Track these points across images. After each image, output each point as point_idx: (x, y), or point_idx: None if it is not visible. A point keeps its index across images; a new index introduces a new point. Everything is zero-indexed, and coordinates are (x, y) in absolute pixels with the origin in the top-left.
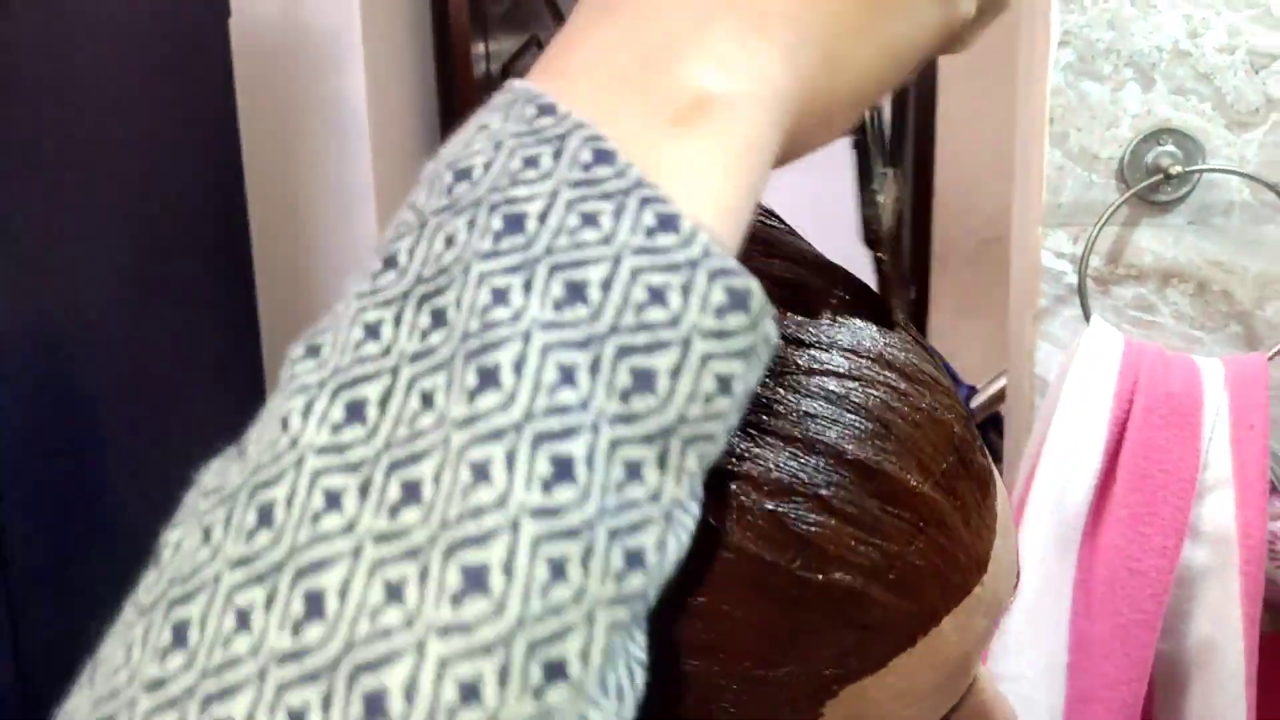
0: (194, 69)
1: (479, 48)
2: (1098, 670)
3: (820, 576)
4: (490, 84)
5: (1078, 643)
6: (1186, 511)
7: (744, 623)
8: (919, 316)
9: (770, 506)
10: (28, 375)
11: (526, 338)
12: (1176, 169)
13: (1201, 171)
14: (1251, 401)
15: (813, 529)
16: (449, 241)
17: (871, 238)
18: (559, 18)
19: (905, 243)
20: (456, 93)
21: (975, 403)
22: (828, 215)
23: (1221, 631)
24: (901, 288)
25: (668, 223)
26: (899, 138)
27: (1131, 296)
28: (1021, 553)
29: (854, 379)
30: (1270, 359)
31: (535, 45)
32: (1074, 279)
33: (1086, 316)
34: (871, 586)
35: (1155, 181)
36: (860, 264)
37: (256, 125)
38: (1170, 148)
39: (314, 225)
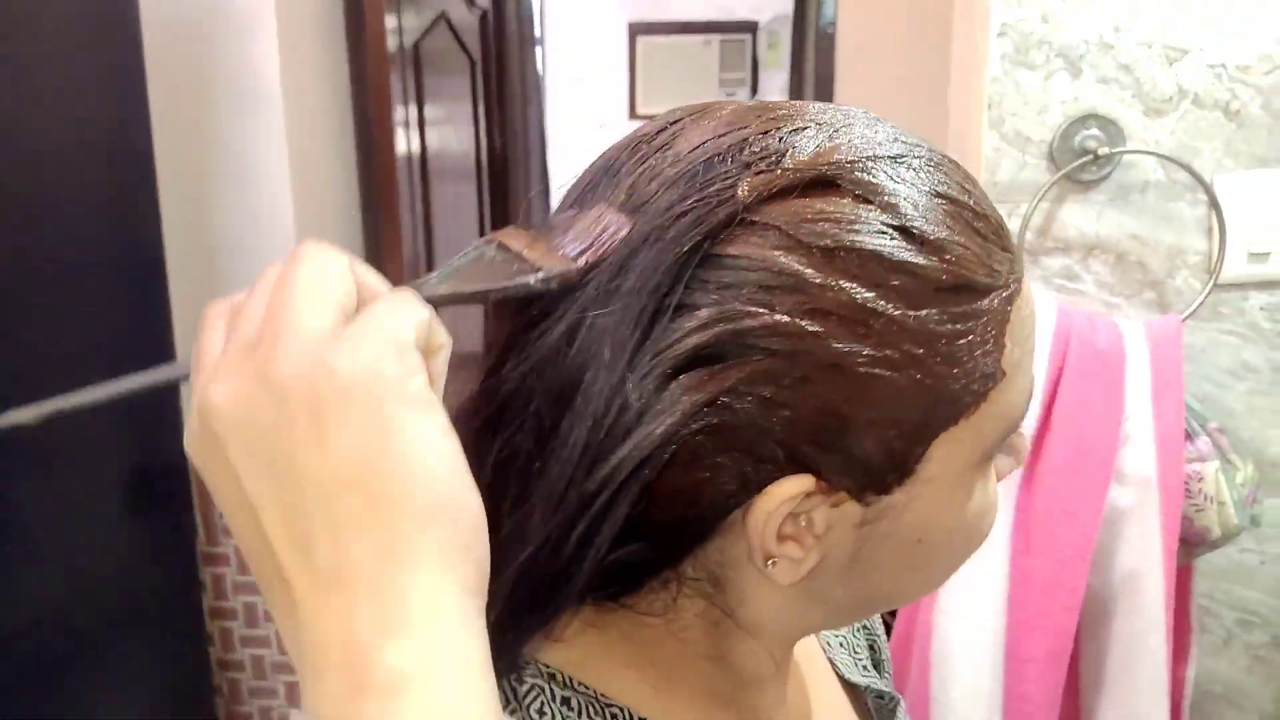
0: (102, 38)
1: (391, 21)
2: (1036, 602)
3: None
4: (403, 60)
5: (1018, 576)
6: (1112, 458)
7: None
8: None
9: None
10: None
11: None
12: (1104, 150)
13: (1124, 153)
14: (1169, 358)
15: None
16: None
17: None
18: None
19: None
20: (369, 67)
21: None
22: None
23: (1143, 565)
24: None
25: None
26: None
27: (1059, 266)
28: None
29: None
30: (1183, 321)
31: (445, 21)
32: None
33: None
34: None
35: (1083, 162)
36: None
37: (166, 106)
38: (1095, 131)
39: (226, 198)
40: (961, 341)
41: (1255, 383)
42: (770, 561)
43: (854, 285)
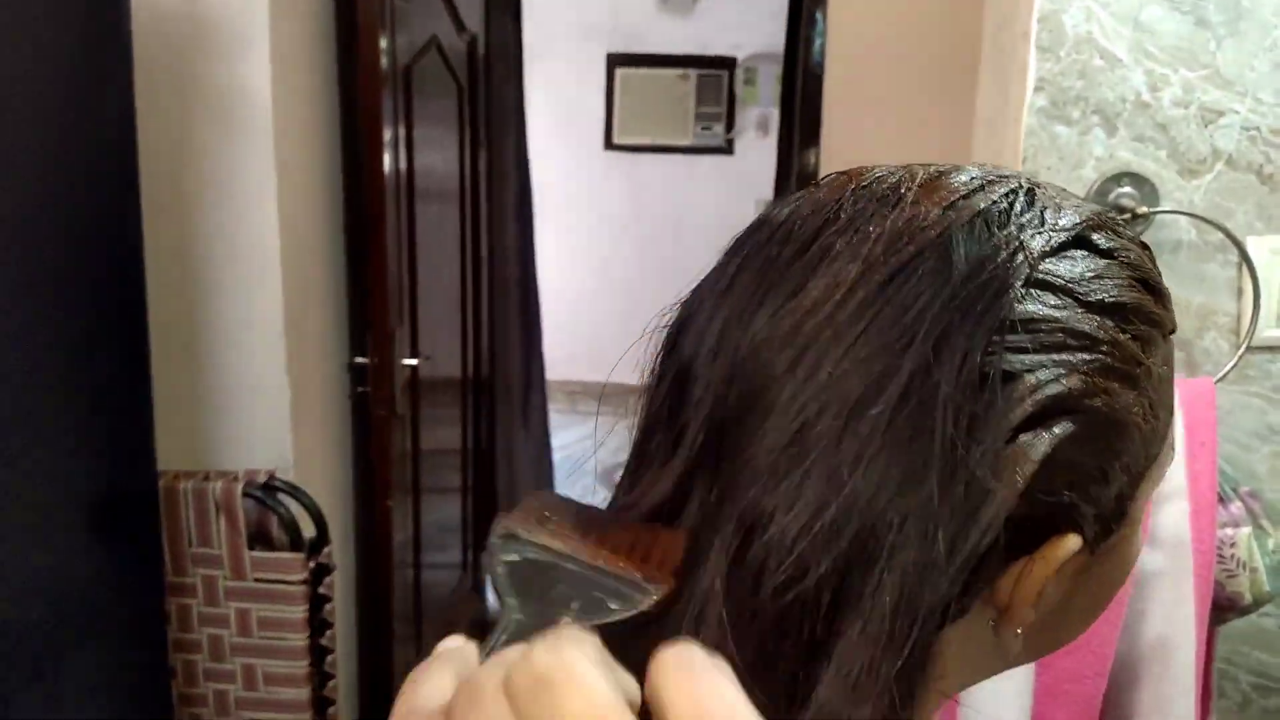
0: (91, 55)
1: (384, 43)
2: (1063, 665)
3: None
4: (395, 80)
5: None
6: (1146, 519)
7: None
8: None
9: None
10: None
11: None
12: (1142, 209)
13: (1162, 213)
14: (1202, 420)
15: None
16: None
17: None
18: (458, 21)
19: None
20: (361, 88)
21: None
22: None
23: (1174, 630)
24: None
25: None
26: (788, 153)
27: None
28: None
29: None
30: (1216, 382)
31: (435, 46)
32: None
33: None
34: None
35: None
36: None
37: (153, 121)
38: (1129, 189)
39: (209, 224)
40: (1168, 382)
41: None
42: (1019, 630)
43: (1128, 340)
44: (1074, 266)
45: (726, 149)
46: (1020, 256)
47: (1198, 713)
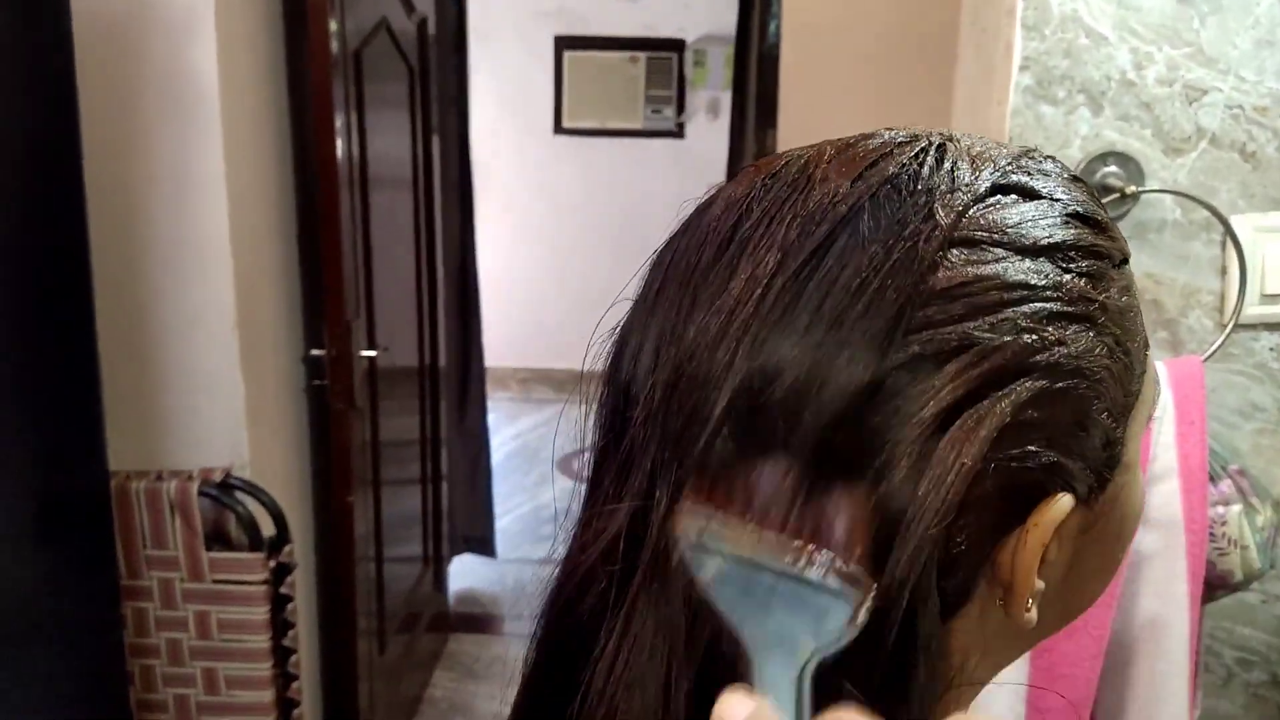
0: (29, 41)
1: (333, 24)
2: (1060, 648)
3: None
4: (345, 63)
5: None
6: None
7: None
8: None
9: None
10: None
11: None
12: (1130, 189)
13: (1148, 192)
14: (1191, 398)
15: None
16: None
17: None
18: (407, 2)
19: None
20: (310, 71)
21: None
22: None
23: (1167, 608)
24: None
25: None
26: (740, 134)
27: None
28: None
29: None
30: (1204, 361)
31: (385, 28)
32: None
33: None
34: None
35: (1109, 200)
36: None
37: (96, 109)
38: (1115, 168)
39: (156, 216)
40: (1132, 312)
41: (1263, 423)
42: (1031, 601)
43: (1073, 279)
44: (998, 215)
45: (678, 132)
46: (934, 220)
47: (1193, 688)
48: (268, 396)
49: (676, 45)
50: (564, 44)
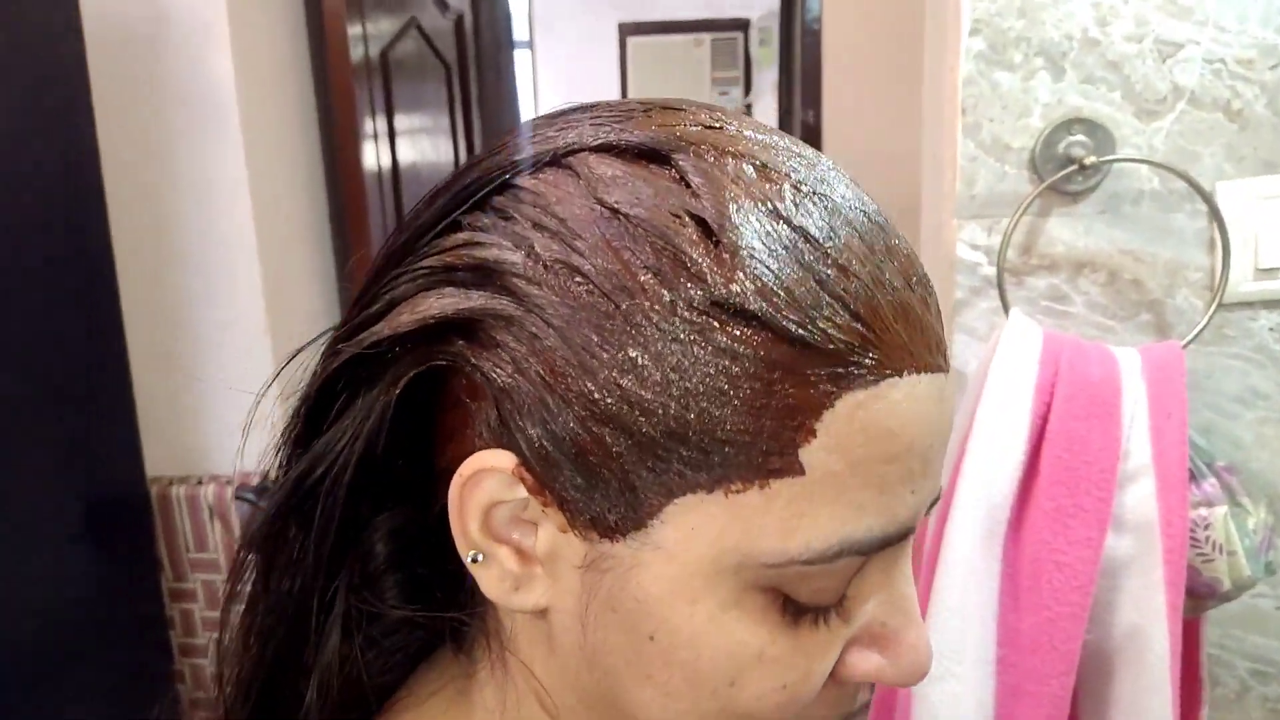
0: (42, 60)
1: (355, 29)
2: (1026, 664)
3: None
4: (369, 69)
5: (1006, 637)
6: (1109, 502)
7: None
8: None
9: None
10: None
11: None
12: (1090, 159)
13: (1112, 162)
14: (1169, 390)
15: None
16: None
17: None
18: (441, 1)
19: None
20: (332, 78)
21: None
22: None
23: (1146, 619)
24: None
25: None
26: (789, 116)
27: (1045, 287)
28: (946, 549)
29: None
30: (1184, 347)
31: (416, 28)
32: (990, 271)
33: (1006, 309)
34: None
35: (1069, 172)
36: None
37: (115, 120)
38: (1081, 137)
39: (182, 224)
40: (725, 383)
41: (1266, 411)
42: (474, 555)
43: (617, 255)
44: (614, 168)
45: (745, 113)
46: (560, 136)
47: (1176, 707)
48: None
49: (741, 25)
50: (628, 30)
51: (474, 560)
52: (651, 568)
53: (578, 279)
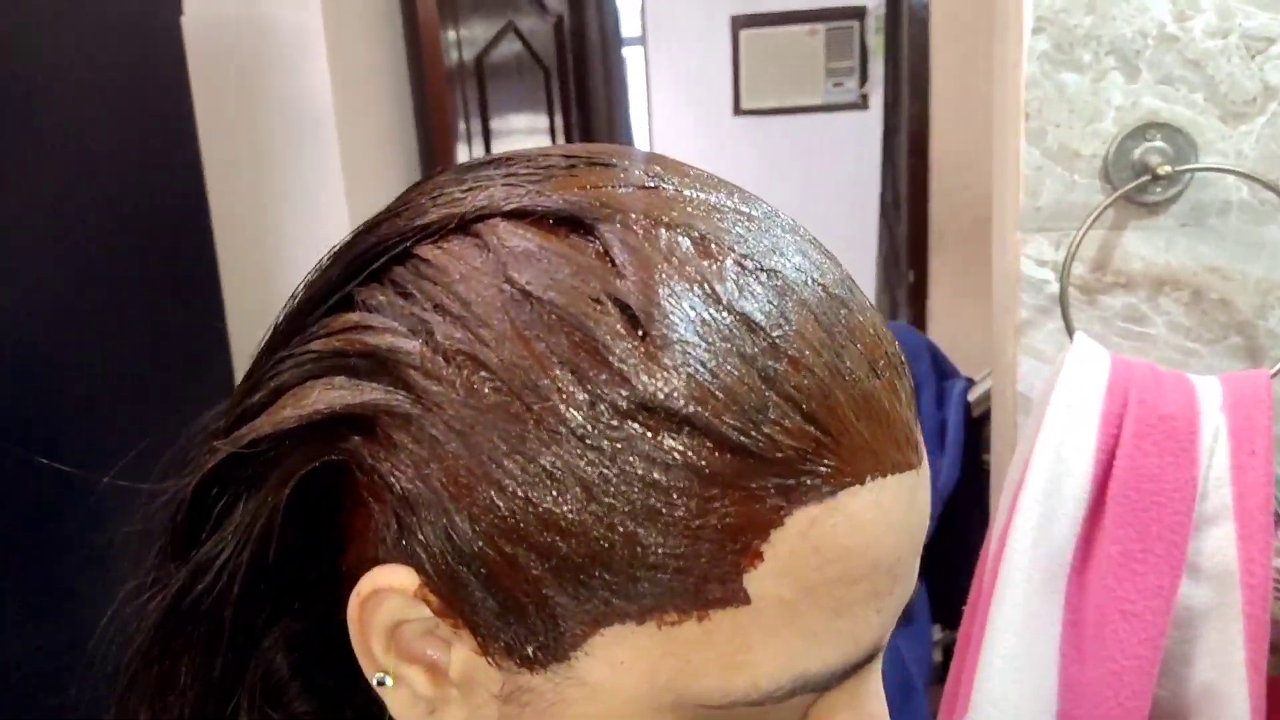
0: (146, 72)
1: (449, 35)
2: None
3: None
4: (463, 74)
5: (1067, 690)
6: (1183, 547)
7: None
8: (918, 300)
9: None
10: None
11: None
12: (1165, 169)
13: (1192, 171)
14: (1253, 423)
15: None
16: None
17: None
18: (539, 3)
19: (902, 224)
20: (427, 84)
21: (972, 396)
22: None
23: (1224, 676)
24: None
25: None
26: (895, 109)
27: (1121, 306)
28: (1001, 590)
29: None
30: (1273, 375)
31: (513, 31)
32: (1056, 288)
33: (1070, 331)
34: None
35: (1143, 182)
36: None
37: (216, 128)
38: (1159, 143)
39: (282, 230)
40: (654, 499)
41: None
42: (381, 678)
43: (528, 346)
44: (530, 240)
45: (861, 104)
46: (468, 198)
47: None
48: None
49: (857, 13)
50: (740, 23)
51: (380, 683)
52: (575, 705)
53: (483, 374)
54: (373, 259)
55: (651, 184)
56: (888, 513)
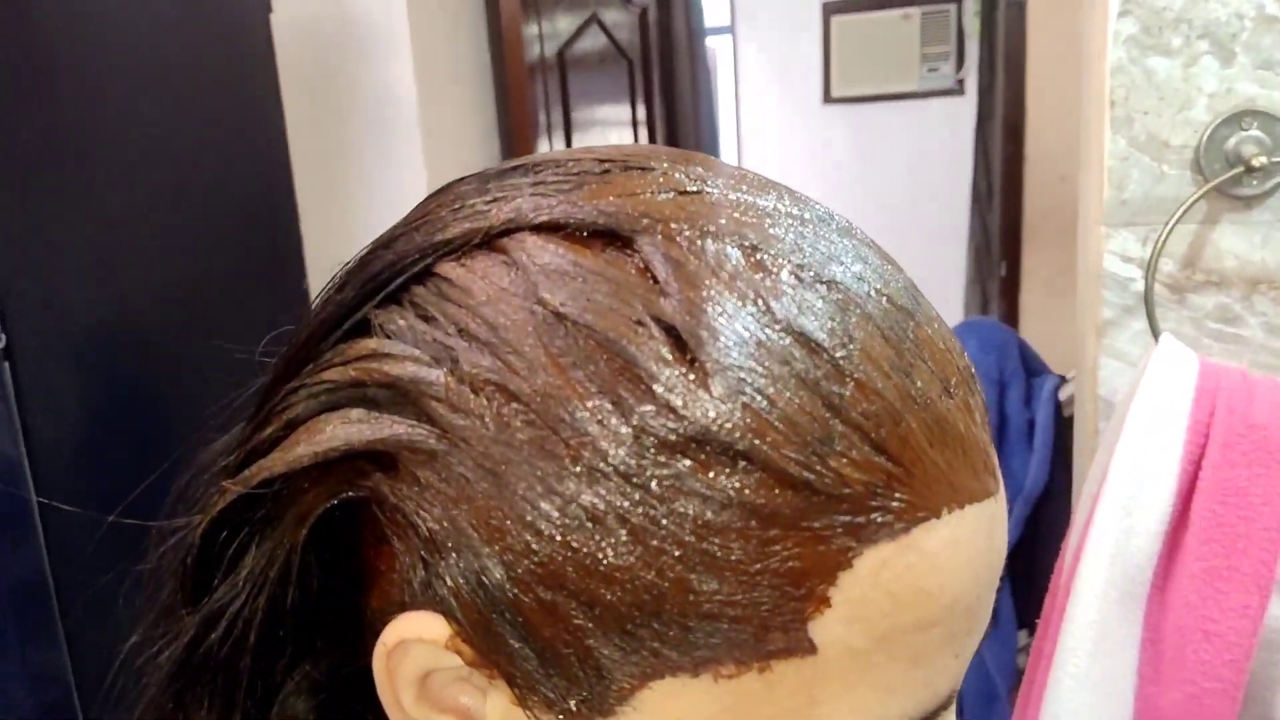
0: (236, 67)
1: (532, 29)
2: None
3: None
4: (545, 68)
5: (1144, 713)
6: (1272, 565)
7: None
8: (1010, 294)
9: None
10: (91, 374)
11: None
12: (1261, 160)
13: None
14: None
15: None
16: None
17: None
18: None
19: (995, 214)
20: (509, 77)
21: (1064, 395)
22: None
23: None
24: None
25: None
26: (989, 94)
27: (1213, 306)
28: (1075, 607)
29: None
30: None
31: (597, 23)
32: (1142, 286)
33: (1155, 332)
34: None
35: (1238, 173)
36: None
37: (304, 122)
38: (1255, 132)
39: (366, 223)
40: (708, 542)
41: None
42: None
43: (563, 375)
44: (567, 255)
45: (957, 89)
46: (495, 209)
47: None
48: None
49: None
50: (831, 9)
51: None
52: None
53: (514, 405)
54: (390, 279)
55: (694, 188)
56: (966, 548)
